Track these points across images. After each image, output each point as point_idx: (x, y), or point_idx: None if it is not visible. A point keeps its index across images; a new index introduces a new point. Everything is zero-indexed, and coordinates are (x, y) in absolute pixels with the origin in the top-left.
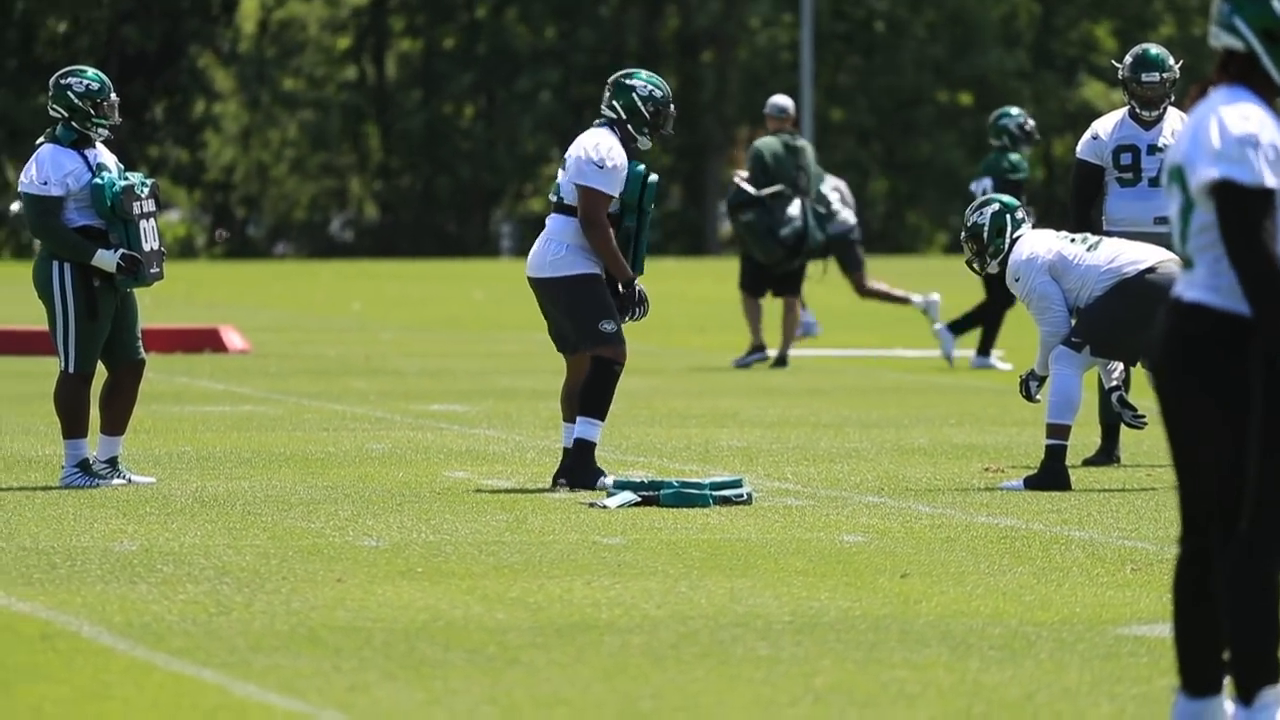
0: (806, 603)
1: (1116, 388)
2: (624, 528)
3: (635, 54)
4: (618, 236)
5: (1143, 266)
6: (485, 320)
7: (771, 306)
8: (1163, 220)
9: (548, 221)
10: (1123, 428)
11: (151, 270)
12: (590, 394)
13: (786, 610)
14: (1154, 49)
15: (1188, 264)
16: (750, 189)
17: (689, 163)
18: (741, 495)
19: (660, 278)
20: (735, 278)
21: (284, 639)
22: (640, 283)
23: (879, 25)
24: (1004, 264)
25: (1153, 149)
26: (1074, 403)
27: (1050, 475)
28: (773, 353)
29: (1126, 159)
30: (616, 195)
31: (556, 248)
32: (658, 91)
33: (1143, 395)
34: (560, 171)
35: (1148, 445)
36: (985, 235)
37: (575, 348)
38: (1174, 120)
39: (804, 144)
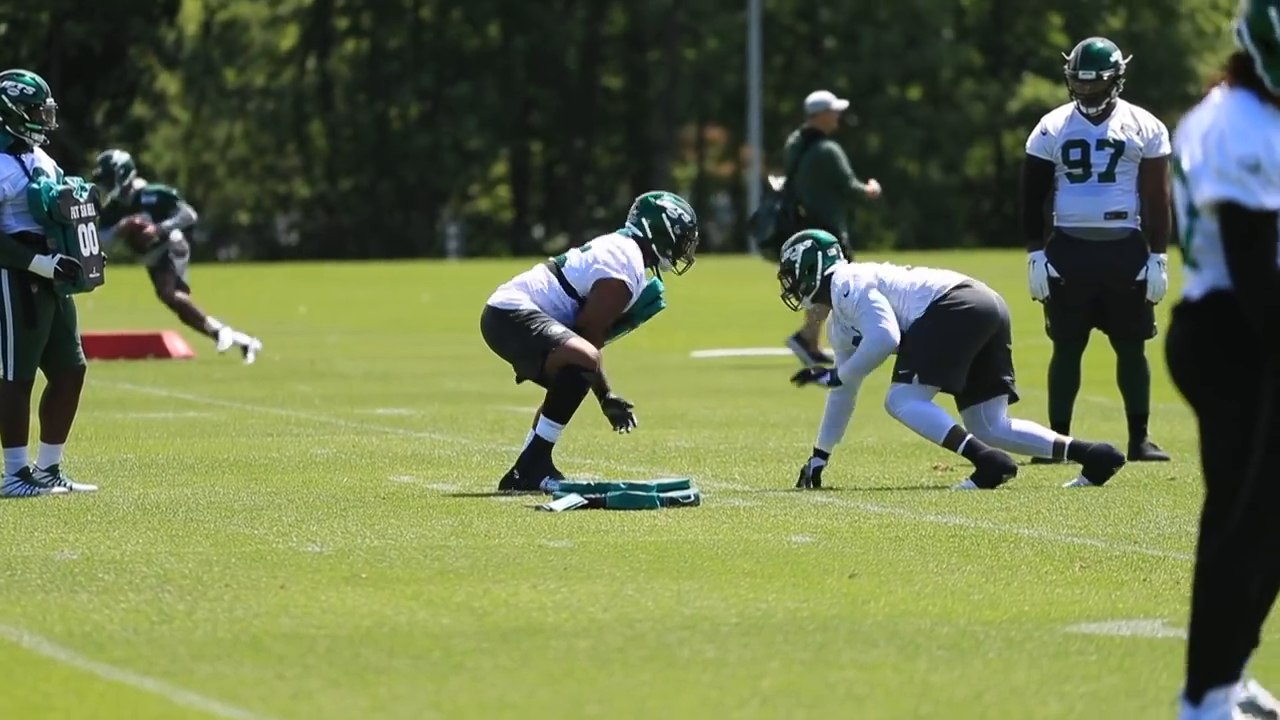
0: (754, 604)
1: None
2: (570, 531)
3: (580, 51)
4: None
5: (952, 284)
6: (432, 322)
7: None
8: (1114, 215)
9: (536, 272)
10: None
11: (91, 275)
12: (556, 397)
13: (734, 612)
14: (1098, 44)
15: (1193, 265)
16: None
17: (637, 161)
18: (689, 496)
19: None
20: (680, 281)
21: (226, 647)
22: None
23: (826, 16)
24: (816, 299)
25: (1102, 143)
26: (938, 417)
27: (987, 466)
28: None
29: (1076, 154)
30: (627, 308)
31: (517, 291)
32: (686, 216)
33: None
34: (573, 252)
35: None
36: (797, 271)
37: (543, 367)
38: (1124, 114)
39: (816, 144)
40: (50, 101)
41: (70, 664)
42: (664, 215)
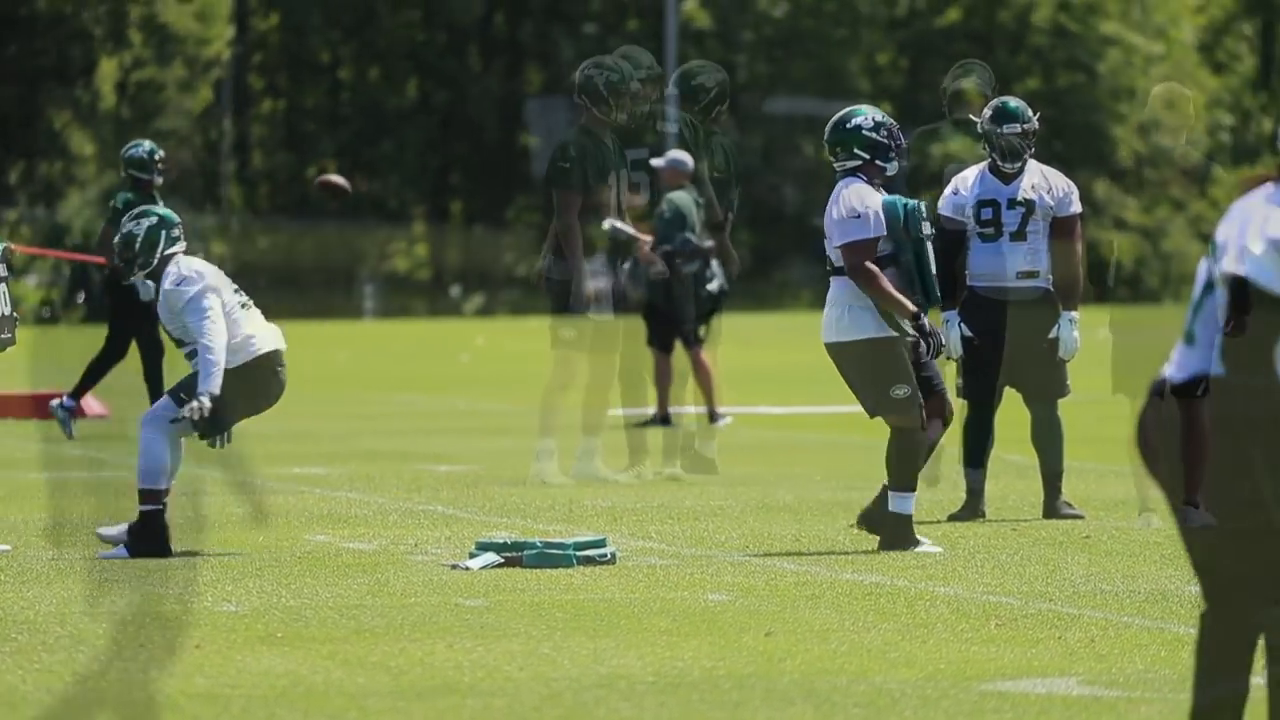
0: (670, 662)
1: None
2: (486, 589)
3: (499, 111)
4: (900, 273)
5: (266, 349)
6: (348, 381)
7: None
8: (1025, 274)
9: (830, 285)
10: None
11: (2, 335)
12: (894, 465)
13: (650, 670)
14: (1013, 101)
15: (1189, 339)
16: (697, 242)
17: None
18: (605, 555)
19: (525, 336)
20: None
21: (141, 708)
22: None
23: (743, 75)
24: (151, 277)
25: (1013, 203)
26: (164, 466)
27: (148, 539)
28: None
29: (987, 214)
30: (878, 237)
31: (839, 312)
32: (878, 115)
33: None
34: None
35: (1013, 500)
36: (138, 245)
37: (872, 414)
38: (1034, 173)
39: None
40: None
41: None
42: (862, 132)
